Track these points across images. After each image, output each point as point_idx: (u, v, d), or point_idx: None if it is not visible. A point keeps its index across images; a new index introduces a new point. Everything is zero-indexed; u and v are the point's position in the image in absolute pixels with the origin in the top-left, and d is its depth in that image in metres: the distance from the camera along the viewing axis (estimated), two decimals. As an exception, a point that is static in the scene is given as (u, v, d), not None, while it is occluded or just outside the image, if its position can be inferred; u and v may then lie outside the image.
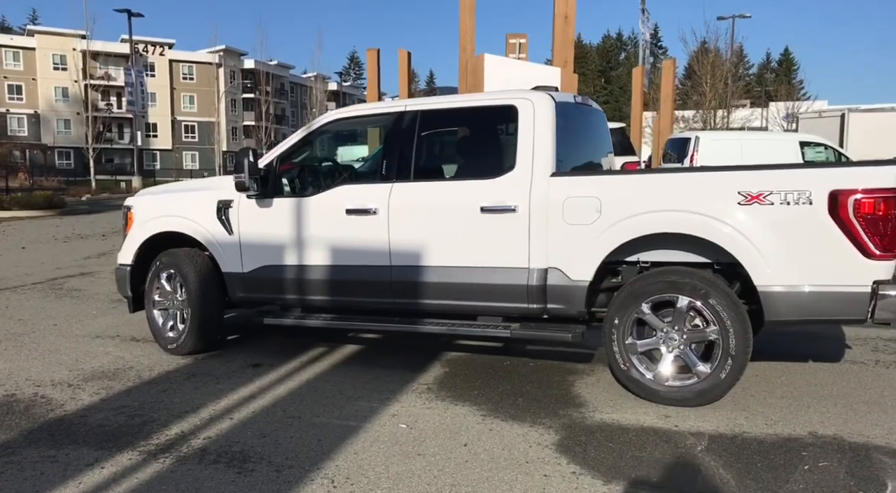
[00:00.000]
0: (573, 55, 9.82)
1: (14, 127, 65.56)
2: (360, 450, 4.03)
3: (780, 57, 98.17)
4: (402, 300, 5.42)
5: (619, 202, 4.80)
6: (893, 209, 4.28)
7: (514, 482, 3.63)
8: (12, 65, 65.41)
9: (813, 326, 6.88)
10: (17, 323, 7.39)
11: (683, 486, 3.61)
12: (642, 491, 3.54)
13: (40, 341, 6.65)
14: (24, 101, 65.68)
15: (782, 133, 20.44)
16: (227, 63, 69.83)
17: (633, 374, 4.85)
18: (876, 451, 4.01)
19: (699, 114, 34.11)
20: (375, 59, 15.37)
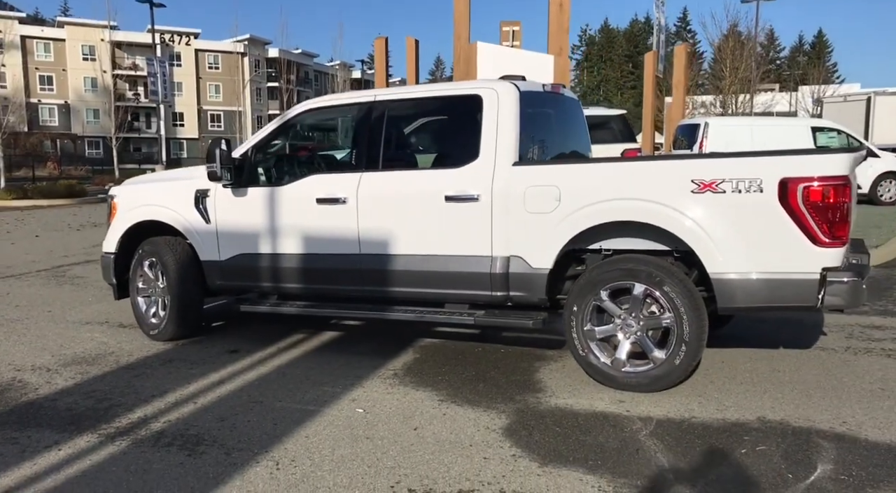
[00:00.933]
0: (568, 43, 9.83)
1: (45, 117, 66.65)
2: (311, 434, 4.15)
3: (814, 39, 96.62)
4: (372, 288, 5.53)
5: (577, 191, 4.86)
6: (841, 197, 4.30)
7: (452, 464, 3.73)
8: (43, 56, 66.41)
9: (792, 313, 6.91)
10: (13, 309, 7.62)
11: (616, 468, 3.68)
12: (575, 473, 3.63)
13: (31, 326, 6.86)
14: (54, 91, 66.69)
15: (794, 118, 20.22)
16: (252, 52, 70.31)
17: (591, 360, 4.92)
18: (817, 435, 4.05)
19: (719, 99, 33.75)
20: (383, 47, 15.45)
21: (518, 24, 16.30)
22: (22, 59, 65.55)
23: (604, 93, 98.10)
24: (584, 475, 3.60)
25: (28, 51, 66.00)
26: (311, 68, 79.95)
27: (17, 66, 65.38)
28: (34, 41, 65.98)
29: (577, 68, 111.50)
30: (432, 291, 5.36)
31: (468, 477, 3.58)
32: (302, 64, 75.95)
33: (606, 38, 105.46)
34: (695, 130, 16.50)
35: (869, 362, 5.38)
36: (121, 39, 65.95)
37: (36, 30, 67.62)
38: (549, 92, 5.77)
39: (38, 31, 67.02)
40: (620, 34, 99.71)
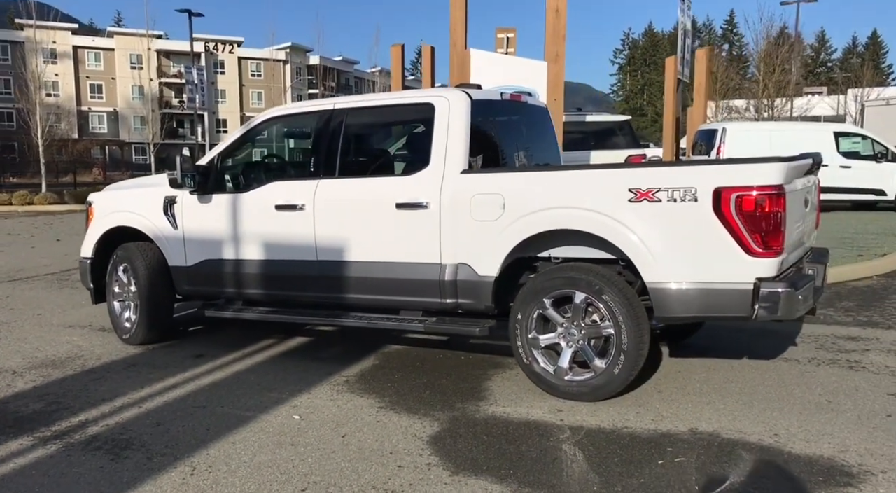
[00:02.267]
0: (565, 49, 9.80)
1: (94, 124, 68.44)
2: (239, 440, 4.20)
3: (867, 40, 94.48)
4: (329, 294, 5.60)
5: (521, 199, 4.87)
6: (775, 207, 4.24)
7: (364, 472, 3.75)
8: (94, 65, 68.22)
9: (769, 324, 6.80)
10: (7, 312, 7.84)
11: (526, 477, 3.67)
12: (483, 482, 3.62)
13: (16, 329, 7.05)
14: (103, 99, 68.41)
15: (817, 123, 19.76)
16: (293, 60, 71.21)
17: (534, 368, 4.92)
18: (743, 447, 3.99)
19: (752, 103, 33.17)
20: (400, 54, 15.55)
21: (513, 31, 16.21)
22: (73, 68, 67.46)
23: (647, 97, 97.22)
24: (491, 485, 3.59)
25: (79, 60, 67.88)
26: (351, 75, 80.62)
27: (70, 75, 67.32)
28: (85, 51, 67.84)
29: (620, 72, 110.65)
30: (386, 298, 5.40)
31: (374, 485, 3.61)
32: (342, 71, 76.74)
33: (650, 42, 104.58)
34: (713, 136, 16.30)
35: (828, 373, 5.27)
36: (168, 48, 67.39)
37: (87, 40, 69.49)
38: (509, 100, 5.79)
39: (89, 41, 68.88)
40: (665, 37, 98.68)
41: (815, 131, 16.90)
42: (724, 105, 37.40)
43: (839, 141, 16.12)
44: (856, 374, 5.25)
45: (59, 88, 66.22)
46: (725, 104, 37.57)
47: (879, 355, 5.73)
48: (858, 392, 4.86)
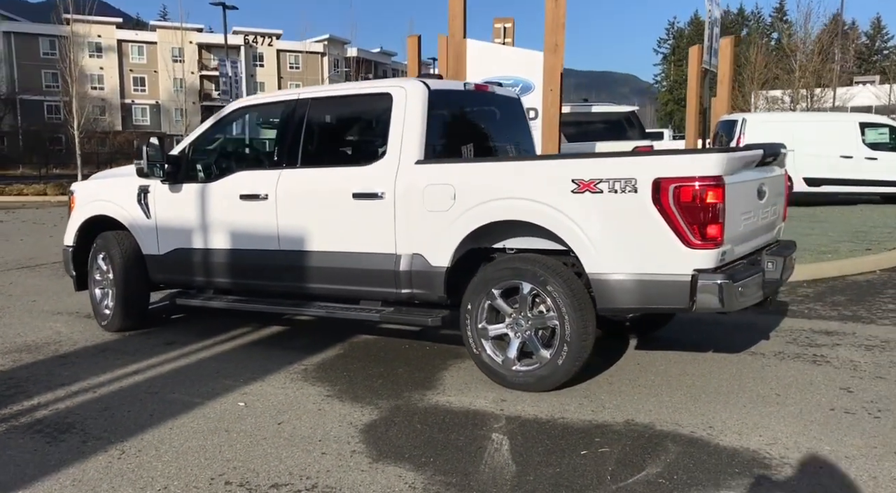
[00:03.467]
0: (564, 38, 9.72)
1: (138, 117, 69.73)
2: (177, 425, 4.27)
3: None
4: (292, 284, 5.66)
5: (470, 190, 4.87)
6: (713, 198, 4.19)
7: (287, 459, 3.78)
8: (137, 59, 69.46)
9: (745, 315, 6.72)
10: (4, 298, 8.04)
11: (444, 465, 3.67)
12: (399, 469, 3.63)
13: (6, 315, 7.23)
14: (146, 92, 69.62)
15: (843, 114, 19.26)
16: (331, 52, 71.63)
17: (483, 358, 4.92)
18: (672, 439, 3.96)
19: (787, 93, 32.48)
20: (416, 46, 15.51)
21: (510, 21, 16.05)
22: (118, 61, 68.75)
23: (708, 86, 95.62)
24: (406, 472, 3.61)
25: (123, 54, 69.16)
26: (388, 67, 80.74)
27: (114, 68, 68.66)
28: (129, 44, 69.09)
29: (665, 62, 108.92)
30: (345, 287, 5.45)
31: (292, 471, 3.65)
32: (380, 62, 77.01)
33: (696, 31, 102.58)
34: (733, 127, 16.04)
35: (788, 368, 5.19)
36: (208, 41, 68.27)
37: (131, 34, 70.73)
38: (473, 91, 5.79)
39: (132, 35, 70.10)
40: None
41: (839, 122, 16.52)
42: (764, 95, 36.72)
43: (865, 132, 15.74)
44: (816, 368, 5.16)
45: (104, 81, 67.65)
46: (765, 94, 36.89)
47: (849, 349, 5.62)
48: (812, 386, 4.79)
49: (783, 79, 34.41)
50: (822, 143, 15.67)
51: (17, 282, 9.10)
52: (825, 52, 32.73)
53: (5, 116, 59.17)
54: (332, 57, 72.10)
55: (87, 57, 67.02)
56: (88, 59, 67.02)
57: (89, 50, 67.56)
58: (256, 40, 69.82)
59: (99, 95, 65.68)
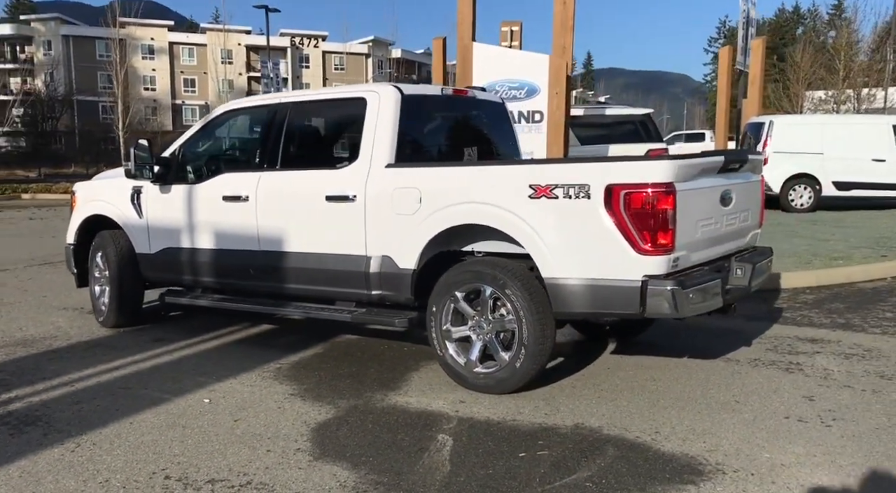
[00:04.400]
0: (571, 41, 9.72)
1: (188, 117, 71.12)
2: (138, 420, 4.41)
3: None
4: (271, 284, 5.79)
5: (435, 194, 4.94)
6: (663, 204, 4.20)
7: (231, 455, 3.88)
8: (188, 60, 70.94)
9: (733, 321, 6.68)
10: (18, 293, 8.36)
11: (380, 465, 3.73)
12: (335, 468, 3.69)
13: (16, 310, 7.51)
14: (196, 93, 71.05)
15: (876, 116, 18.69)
16: (375, 53, 72.22)
17: (447, 360, 4.99)
18: (614, 443, 3.97)
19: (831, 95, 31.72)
20: (441, 48, 15.60)
21: (518, 24, 15.89)
22: (169, 63, 70.29)
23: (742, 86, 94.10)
24: (341, 471, 3.69)
25: (175, 55, 70.67)
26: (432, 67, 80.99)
27: (166, 70, 70.21)
28: (180, 47, 70.62)
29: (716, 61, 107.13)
30: (320, 288, 5.56)
31: (231, 467, 3.74)
32: (424, 63, 77.09)
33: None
34: (761, 129, 15.80)
35: (758, 375, 5.15)
36: (255, 43, 69.35)
37: (182, 36, 72.26)
38: (451, 96, 5.85)
39: (183, 38, 71.62)
40: (764, 24, 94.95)
41: (871, 125, 16.11)
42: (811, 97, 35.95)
43: (900, 134, 15.35)
44: (787, 376, 5.11)
45: (156, 82, 69.20)
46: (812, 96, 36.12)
47: (827, 357, 5.55)
48: (775, 394, 4.75)
49: (828, 79, 33.65)
50: (852, 146, 15.33)
51: (35, 278, 9.43)
52: (878, 51, 31.90)
53: (62, 117, 60.91)
54: (376, 58, 72.68)
55: (140, 59, 68.74)
56: (141, 61, 68.70)
57: (142, 52, 69.27)
58: (303, 42, 70.74)
59: (151, 96, 67.26)
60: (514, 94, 9.32)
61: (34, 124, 58.80)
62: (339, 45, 72.23)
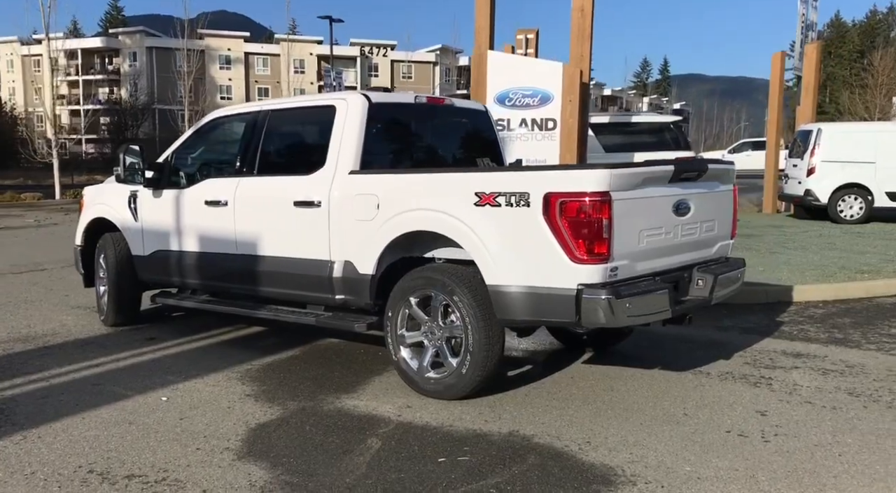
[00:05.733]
0: (589, 50, 9.65)
1: (262, 126, 73.07)
2: (90, 416, 4.56)
3: None
4: (247, 287, 5.94)
5: (391, 200, 4.99)
6: (599, 213, 4.16)
7: (160, 451, 3.99)
8: (261, 70, 72.80)
9: (722, 334, 6.53)
10: (44, 292, 8.74)
11: (298, 466, 3.78)
12: (253, 467, 3.76)
13: (32, 307, 7.85)
14: (270, 102, 72.97)
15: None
16: (443, 61, 72.74)
17: (401, 364, 5.02)
18: (538, 451, 3.95)
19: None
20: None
21: (533, 32, 15.56)
22: (244, 73, 72.26)
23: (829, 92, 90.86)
24: (258, 471, 3.74)
25: (250, 65, 72.65)
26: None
27: (241, 79, 72.18)
28: (254, 57, 72.56)
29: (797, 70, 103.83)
30: (290, 292, 5.67)
31: (154, 464, 3.83)
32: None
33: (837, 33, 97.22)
34: (809, 137, 15.32)
35: (721, 388, 5.03)
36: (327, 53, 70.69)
37: (256, 47, 74.20)
38: (426, 103, 5.89)
39: (258, 48, 73.53)
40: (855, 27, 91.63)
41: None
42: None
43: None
44: (751, 390, 4.98)
45: (232, 91, 71.15)
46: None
47: (804, 373, 5.38)
48: (729, 408, 4.64)
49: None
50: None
51: (66, 278, 9.82)
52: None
53: (143, 125, 63.33)
54: (443, 66, 73.17)
55: (217, 69, 70.82)
56: (218, 71, 70.75)
57: (219, 62, 71.35)
58: (372, 51, 71.78)
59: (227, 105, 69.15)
60: (528, 101, 9.30)
61: (118, 132, 61.36)
62: (408, 54, 73.07)
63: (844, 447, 4.01)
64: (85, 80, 72.94)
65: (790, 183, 16.27)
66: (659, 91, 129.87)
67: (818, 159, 14.93)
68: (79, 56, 73.02)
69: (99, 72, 74.30)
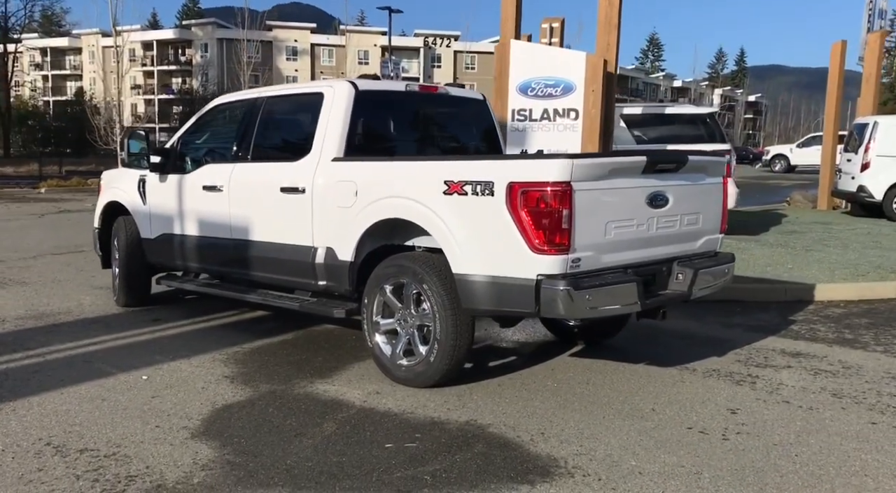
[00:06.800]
0: (616, 39, 9.46)
1: (326, 116, 74.04)
2: (68, 391, 4.69)
3: None
4: (240, 271, 6.04)
5: (368, 187, 5.00)
6: (559, 204, 4.10)
7: (120, 427, 4.09)
8: (327, 61, 73.75)
9: (724, 331, 6.38)
10: (74, 272, 9.01)
11: (249, 446, 3.83)
12: (202, 445, 3.84)
13: (59, 286, 8.13)
14: (334, 92, 73.83)
15: None
16: (509, 53, 72.36)
17: (376, 351, 5.03)
18: (487, 440, 3.95)
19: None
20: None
21: (559, 21, 15.15)
22: (310, 64, 73.27)
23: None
24: (207, 449, 3.80)
25: (315, 56, 73.65)
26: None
27: (307, 70, 73.17)
28: (320, 48, 73.56)
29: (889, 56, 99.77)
30: (279, 277, 5.74)
31: (111, 439, 3.93)
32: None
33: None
34: (864, 130, 14.75)
35: (701, 385, 4.92)
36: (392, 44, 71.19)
37: (322, 38, 75.15)
38: (417, 92, 5.88)
39: (324, 40, 74.48)
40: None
41: None
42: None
43: None
44: (731, 388, 4.86)
45: (298, 82, 72.25)
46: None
47: (795, 372, 5.21)
48: (701, 405, 4.54)
49: None
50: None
51: (96, 260, 10.05)
52: None
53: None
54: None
55: (284, 60, 71.91)
56: (285, 62, 71.84)
57: (286, 53, 72.44)
58: (435, 42, 71.91)
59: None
60: (550, 91, 9.17)
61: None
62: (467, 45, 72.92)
63: (804, 447, 3.88)
64: (159, 71, 75.04)
65: (843, 178, 15.72)
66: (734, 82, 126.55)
67: (873, 154, 14.39)
68: (154, 47, 75.11)
69: (172, 62, 76.37)
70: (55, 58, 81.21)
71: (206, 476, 3.54)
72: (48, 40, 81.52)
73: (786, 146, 44.66)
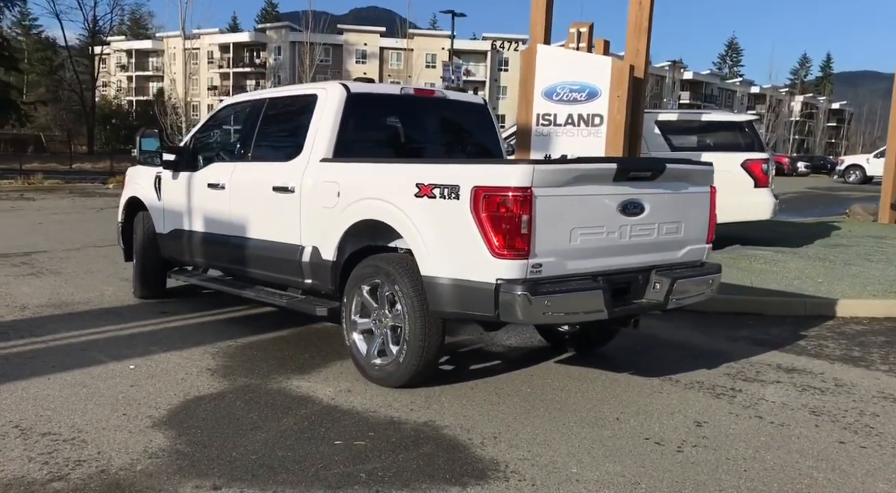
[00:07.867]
0: (646, 44, 9.33)
1: (392, 119, 74.78)
2: (56, 378, 4.87)
3: None
4: (238, 267, 6.19)
5: (349, 188, 5.07)
6: (519, 209, 4.09)
7: (89, 414, 4.24)
8: (395, 64, 74.47)
9: (725, 343, 6.24)
10: (107, 264, 9.31)
11: (204, 438, 3.91)
12: (160, 435, 3.95)
13: (89, 277, 8.44)
14: (400, 95, 74.57)
15: None
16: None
17: (353, 349, 5.09)
18: (437, 442, 3.96)
19: None
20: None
21: (587, 26, 14.66)
22: (379, 66, 74.13)
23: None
24: (161, 439, 3.90)
25: (384, 60, 74.49)
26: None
27: (375, 73, 74.00)
28: (389, 51, 74.34)
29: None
30: (271, 274, 5.85)
31: (74, 424, 4.07)
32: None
33: None
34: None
35: (677, 397, 4.83)
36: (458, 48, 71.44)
37: (391, 41, 75.84)
38: (412, 95, 5.93)
39: (392, 43, 75.16)
40: None
41: None
42: None
43: None
44: (707, 401, 4.76)
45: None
46: None
47: (782, 388, 5.08)
48: (669, 416, 4.46)
49: None
50: None
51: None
52: None
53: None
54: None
55: (353, 63, 72.89)
56: (354, 65, 72.79)
57: (356, 56, 73.40)
58: (503, 45, 71.87)
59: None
60: (575, 96, 9.11)
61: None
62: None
63: (757, 463, 3.79)
64: (235, 73, 76.93)
65: (902, 192, 15.12)
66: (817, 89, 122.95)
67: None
68: (230, 50, 77.04)
69: (247, 65, 78.24)
70: (139, 59, 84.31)
71: (150, 465, 3.64)
72: (133, 42, 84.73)
73: (862, 156, 43.18)
